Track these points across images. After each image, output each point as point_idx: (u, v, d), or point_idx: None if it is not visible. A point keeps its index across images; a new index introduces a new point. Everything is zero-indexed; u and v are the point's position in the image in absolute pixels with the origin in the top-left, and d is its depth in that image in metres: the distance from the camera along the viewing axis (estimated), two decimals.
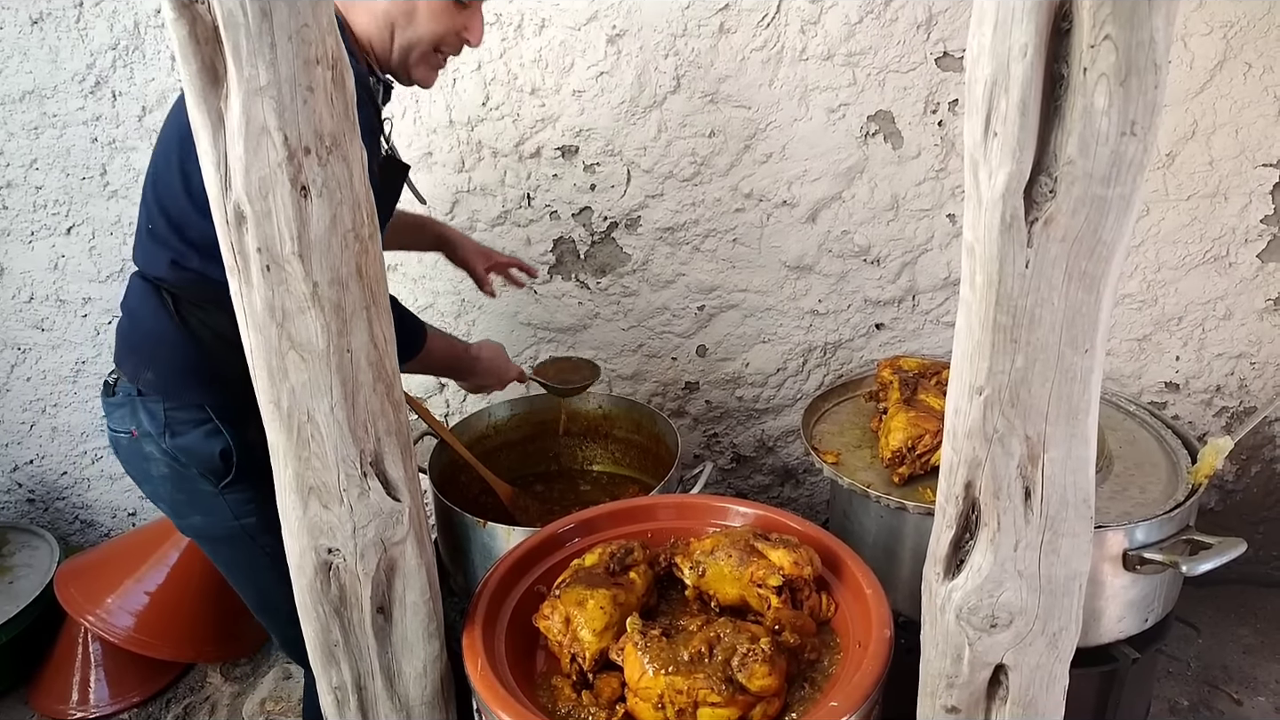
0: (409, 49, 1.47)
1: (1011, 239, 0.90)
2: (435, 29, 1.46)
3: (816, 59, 2.10)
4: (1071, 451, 0.99)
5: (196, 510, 1.50)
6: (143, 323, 1.45)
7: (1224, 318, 2.26)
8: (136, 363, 1.47)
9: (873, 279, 2.32)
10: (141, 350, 1.46)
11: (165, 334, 1.42)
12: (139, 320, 1.46)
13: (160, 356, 1.44)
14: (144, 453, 1.48)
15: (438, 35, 1.47)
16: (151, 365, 1.45)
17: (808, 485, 2.61)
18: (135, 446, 1.49)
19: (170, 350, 1.43)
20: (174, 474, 1.47)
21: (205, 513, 1.50)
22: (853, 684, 1.20)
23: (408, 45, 1.47)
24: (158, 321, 1.43)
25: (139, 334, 1.46)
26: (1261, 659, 2.31)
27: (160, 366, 1.44)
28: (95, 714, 2.29)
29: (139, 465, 1.51)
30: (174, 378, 1.44)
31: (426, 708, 1.34)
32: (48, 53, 2.18)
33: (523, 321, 2.43)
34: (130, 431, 1.48)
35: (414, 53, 1.48)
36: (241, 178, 0.99)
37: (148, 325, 1.44)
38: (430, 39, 1.47)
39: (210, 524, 1.51)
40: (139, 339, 1.47)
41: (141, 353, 1.46)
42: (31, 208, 2.35)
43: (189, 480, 1.47)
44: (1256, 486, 2.45)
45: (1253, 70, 2.03)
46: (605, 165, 2.23)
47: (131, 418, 1.47)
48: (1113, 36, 0.81)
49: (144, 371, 1.45)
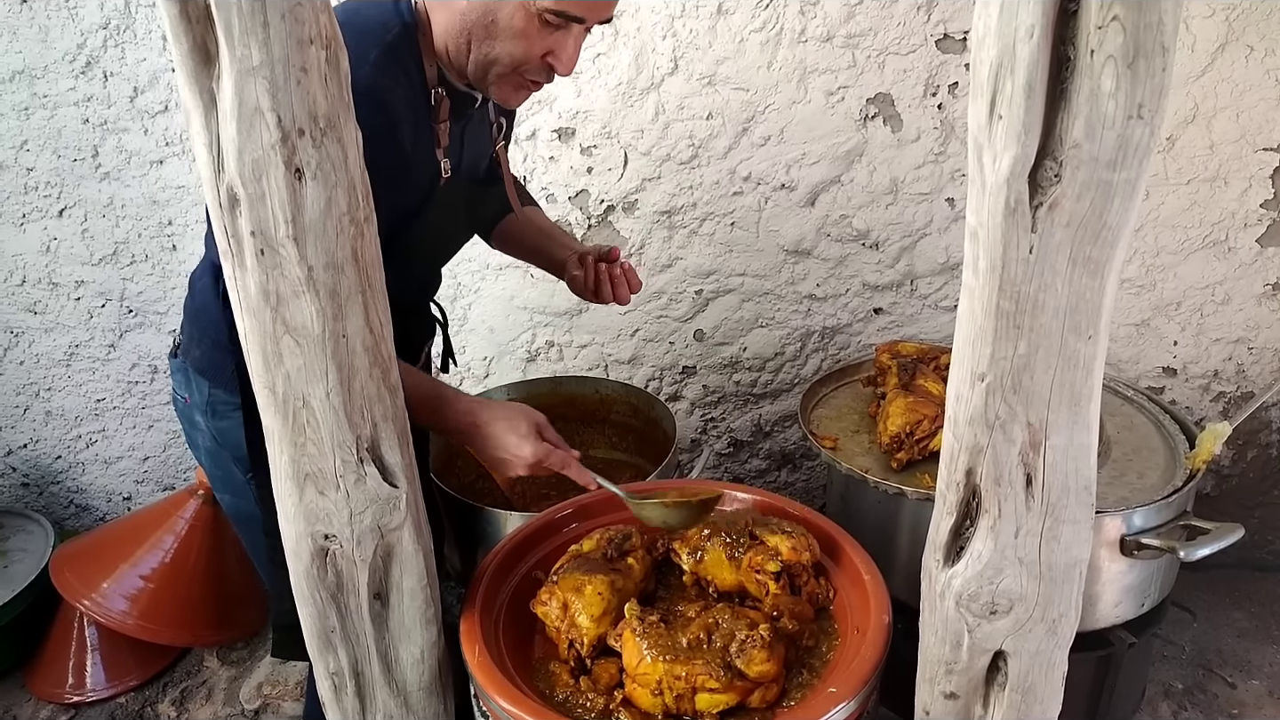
0: (487, 66, 1.31)
1: (1015, 224, 0.89)
2: (514, 50, 1.28)
3: (816, 41, 2.08)
4: (1073, 438, 0.98)
5: (228, 490, 1.53)
6: (198, 297, 1.46)
7: (1222, 303, 2.26)
8: (190, 336, 1.48)
9: (871, 263, 2.30)
10: (194, 324, 1.47)
11: (213, 315, 1.42)
12: (195, 295, 1.48)
13: (207, 335, 1.44)
14: (194, 421, 1.51)
15: (517, 57, 1.29)
16: (200, 343, 1.46)
17: (804, 470, 2.61)
18: (188, 412, 1.52)
19: (215, 331, 1.42)
20: (214, 450, 1.50)
21: (234, 494, 1.52)
22: (851, 670, 1.19)
23: (485, 61, 1.31)
24: (208, 300, 1.43)
25: (194, 308, 1.48)
26: (1256, 643, 2.32)
27: (206, 345, 1.45)
28: (92, 698, 2.29)
29: (190, 431, 1.54)
30: (216, 358, 1.43)
31: (424, 694, 1.34)
32: (37, 32, 2.15)
33: (519, 305, 2.41)
34: (185, 397, 1.51)
35: (492, 71, 1.32)
36: (234, 160, 0.98)
37: (201, 300, 1.45)
38: (509, 60, 1.30)
39: (238, 505, 1.53)
40: (194, 312, 1.48)
41: (194, 327, 1.47)
42: (23, 190, 2.32)
43: (224, 461, 1.49)
44: (1253, 471, 2.45)
45: (1254, 53, 2.01)
46: (602, 148, 2.21)
47: (186, 385, 1.50)
48: (1121, 18, 0.79)
49: (194, 347, 1.47)
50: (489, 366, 2.52)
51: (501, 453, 1.40)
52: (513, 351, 2.48)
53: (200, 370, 1.46)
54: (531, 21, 1.25)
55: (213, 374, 1.45)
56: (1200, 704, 2.15)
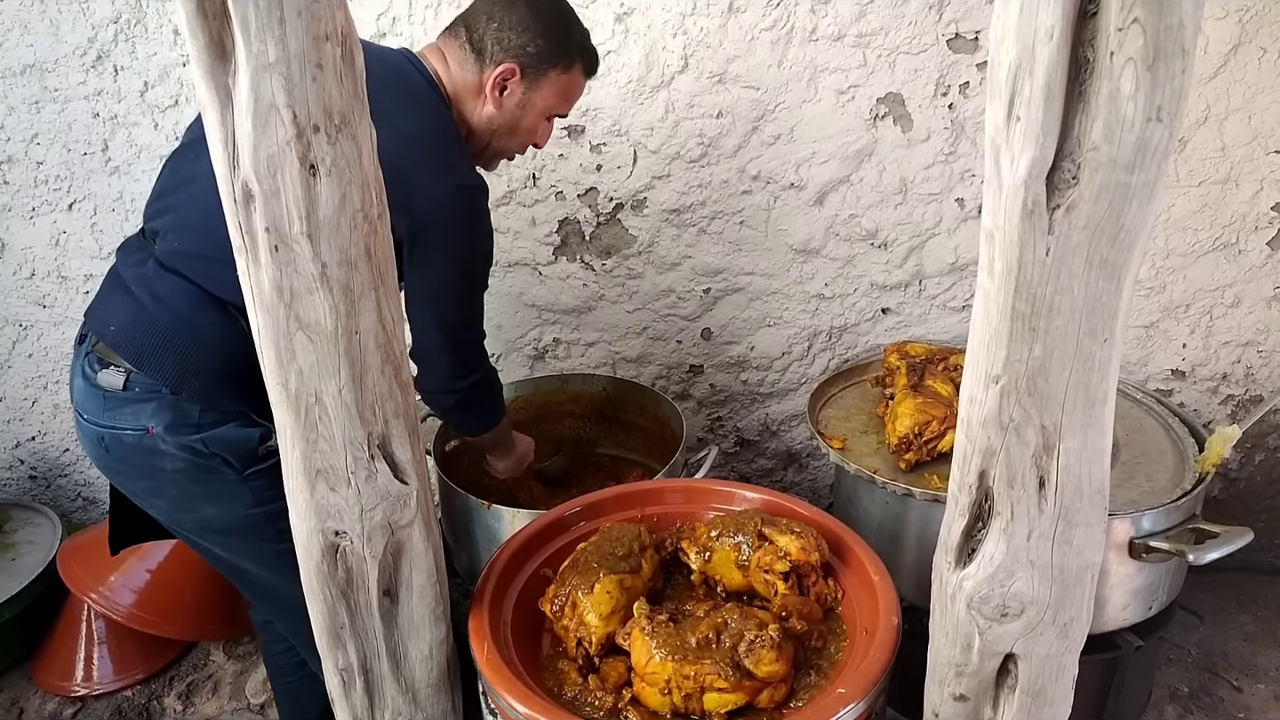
0: (500, 153, 1.67)
1: (1032, 226, 0.88)
2: (526, 142, 1.66)
3: (826, 40, 2.07)
4: (1088, 441, 0.98)
5: (211, 503, 1.46)
6: (206, 330, 1.40)
7: (1232, 305, 2.25)
8: (181, 368, 1.40)
9: (880, 263, 2.30)
10: (191, 357, 1.40)
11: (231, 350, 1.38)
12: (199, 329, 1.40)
13: (215, 368, 1.40)
14: (156, 450, 1.42)
15: (525, 146, 1.67)
16: (200, 376, 1.40)
17: (811, 470, 2.61)
18: (146, 444, 1.43)
19: (226, 364, 1.39)
20: (190, 467, 1.43)
21: (221, 503, 1.46)
22: (860, 671, 1.19)
23: (501, 151, 1.66)
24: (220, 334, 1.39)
25: (193, 342, 1.40)
26: (1262, 646, 2.31)
27: (212, 378, 1.40)
28: (99, 690, 2.29)
29: (142, 462, 1.45)
30: (224, 388, 1.40)
31: (432, 690, 1.34)
32: (49, 26, 2.15)
33: (527, 302, 2.41)
34: (146, 429, 1.42)
35: (501, 156, 1.69)
36: (249, 155, 0.98)
37: (209, 334, 1.40)
38: (519, 149, 1.68)
39: (226, 514, 1.47)
40: (190, 346, 1.40)
41: (190, 360, 1.40)
42: (33, 183, 2.32)
43: (208, 471, 1.43)
44: (1260, 475, 2.45)
45: (1267, 55, 2.00)
46: (612, 145, 2.21)
47: (152, 415, 1.41)
48: (1141, 20, 0.79)
49: (190, 380, 1.40)
50: (497, 364, 2.52)
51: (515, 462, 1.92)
52: (520, 349, 2.48)
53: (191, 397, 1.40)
54: (542, 121, 1.65)
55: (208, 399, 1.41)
56: (1206, 707, 2.15)
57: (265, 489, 1.42)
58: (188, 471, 1.43)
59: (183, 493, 1.46)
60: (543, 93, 1.59)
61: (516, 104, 1.59)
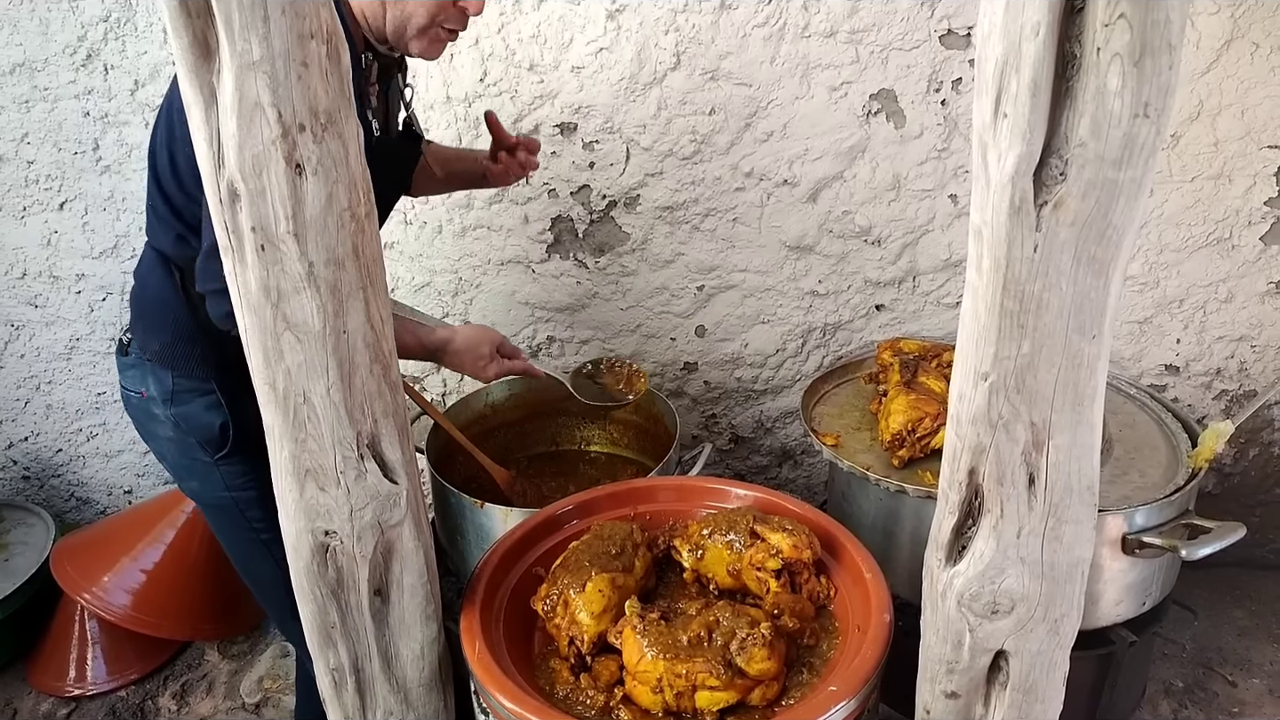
0: (403, 24, 1.40)
1: (1020, 222, 0.88)
2: (427, 3, 1.38)
3: (819, 36, 2.07)
4: (1077, 438, 0.98)
5: (194, 476, 1.55)
6: (151, 291, 1.47)
7: (1225, 300, 2.25)
8: (145, 330, 1.49)
9: (873, 260, 2.30)
10: (149, 319, 1.48)
11: (172, 306, 1.44)
12: (148, 289, 1.48)
13: (167, 328, 1.46)
14: (151, 414, 1.52)
15: (430, 10, 1.39)
16: (158, 335, 1.47)
17: (805, 467, 2.60)
18: (144, 406, 1.53)
19: (176, 323, 1.45)
20: (177, 438, 1.52)
21: (201, 480, 1.54)
22: (851, 668, 1.19)
23: (401, 20, 1.40)
24: (165, 293, 1.45)
25: (148, 302, 1.49)
26: (1256, 641, 2.31)
27: (166, 337, 1.46)
28: (93, 691, 2.29)
29: (146, 424, 1.56)
30: (180, 349, 1.46)
31: (424, 689, 1.34)
32: (38, 24, 2.14)
33: (520, 300, 2.41)
34: (140, 392, 1.52)
35: (409, 27, 1.41)
36: (235, 155, 0.97)
37: (156, 295, 1.46)
38: (424, 14, 1.39)
39: (204, 490, 1.56)
40: (147, 307, 1.49)
41: (149, 321, 1.49)
42: (23, 183, 2.32)
43: (189, 447, 1.51)
44: (1254, 470, 2.45)
45: (1260, 50, 2.00)
46: (604, 143, 2.20)
47: (142, 380, 1.51)
48: (1127, 15, 0.79)
49: (151, 341, 1.48)
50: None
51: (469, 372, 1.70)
52: None
53: (162, 362, 1.47)
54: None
55: (177, 364, 1.47)
56: (1200, 702, 2.15)
57: (235, 476, 1.48)
58: (176, 441, 1.53)
59: (174, 461, 1.57)
60: None
61: None
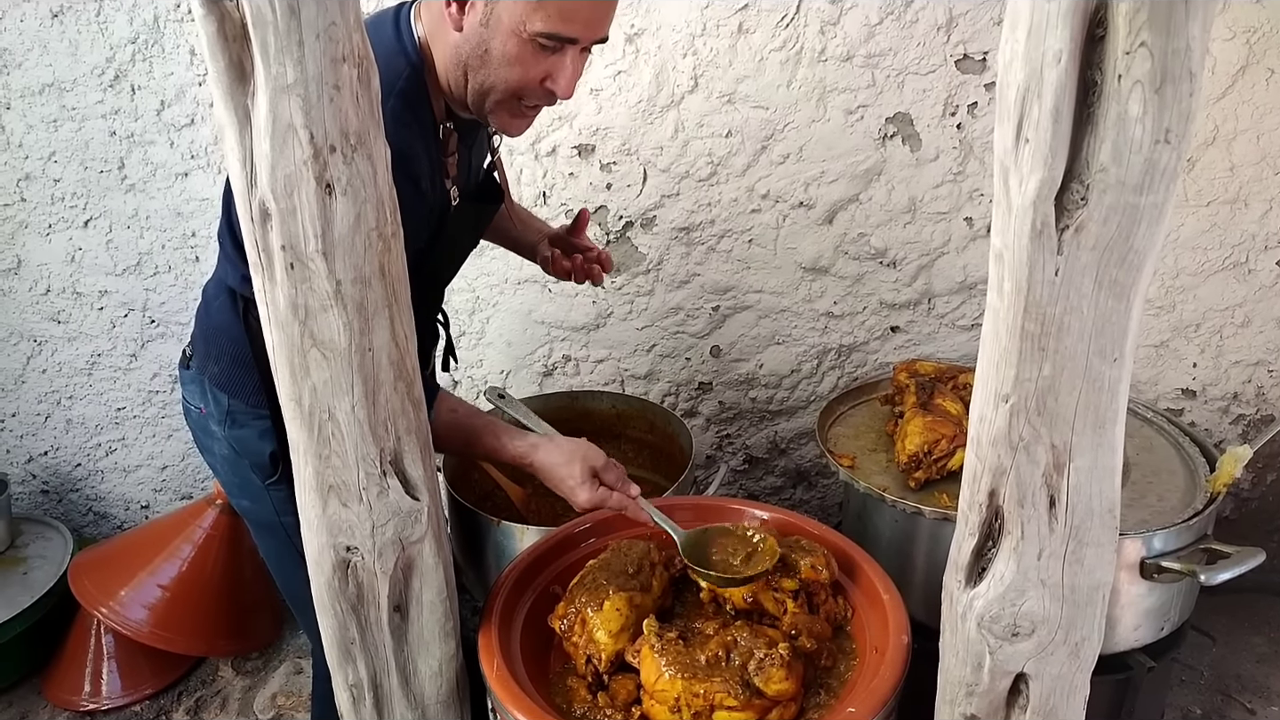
0: (484, 94, 1.29)
1: (1041, 246, 0.89)
2: (510, 77, 1.26)
3: (835, 60, 2.09)
4: (1098, 461, 0.98)
5: (246, 496, 1.55)
6: (215, 315, 1.48)
7: (1242, 325, 2.24)
8: (205, 351, 1.50)
9: (889, 282, 2.31)
10: (210, 341, 1.49)
11: (233, 335, 1.44)
12: (213, 312, 1.50)
13: (225, 353, 1.47)
14: (209, 430, 1.53)
15: (513, 83, 1.27)
16: (217, 359, 1.48)
17: (820, 488, 2.60)
18: (203, 422, 1.54)
19: (235, 350, 1.45)
20: (231, 458, 1.52)
21: (253, 500, 1.54)
22: (870, 690, 1.19)
23: (482, 91, 1.29)
24: (227, 319, 1.45)
25: (211, 326, 1.50)
26: (1275, 668, 2.29)
27: (225, 362, 1.47)
28: (107, 705, 2.30)
29: (204, 439, 1.57)
30: (237, 375, 1.46)
31: (441, 706, 1.34)
32: (68, 46, 2.19)
33: (536, 320, 2.42)
34: (200, 408, 1.53)
35: (489, 99, 1.30)
36: (267, 175, 0.99)
37: (219, 319, 1.47)
38: (505, 87, 1.27)
39: (256, 511, 1.56)
40: (210, 330, 1.50)
41: (210, 343, 1.49)
42: (49, 200, 2.35)
43: (242, 469, 1.51)
44: (1272, 495, 2.43)
45: (1275, 76, 2.01)
46: (622, 164, 2.23)
47: (201, 397, 1.52)
48: (1148, 43, 0.80)
49: (210, 364, 1.49)
50: (506, 380, 2.53)
51: (561, 494, 1.43)
52: (529, 365, 2.49)
53: (219, 385, 1.48)
54: (525, 47, 1.22)
55: (233, 389, 1.47)
56: None
57: (285, 501, 1.46)
58: (230, 460, 1.52)
59: (228, 479, 1.57)
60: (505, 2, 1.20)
61: (479, 20, 1.23)
